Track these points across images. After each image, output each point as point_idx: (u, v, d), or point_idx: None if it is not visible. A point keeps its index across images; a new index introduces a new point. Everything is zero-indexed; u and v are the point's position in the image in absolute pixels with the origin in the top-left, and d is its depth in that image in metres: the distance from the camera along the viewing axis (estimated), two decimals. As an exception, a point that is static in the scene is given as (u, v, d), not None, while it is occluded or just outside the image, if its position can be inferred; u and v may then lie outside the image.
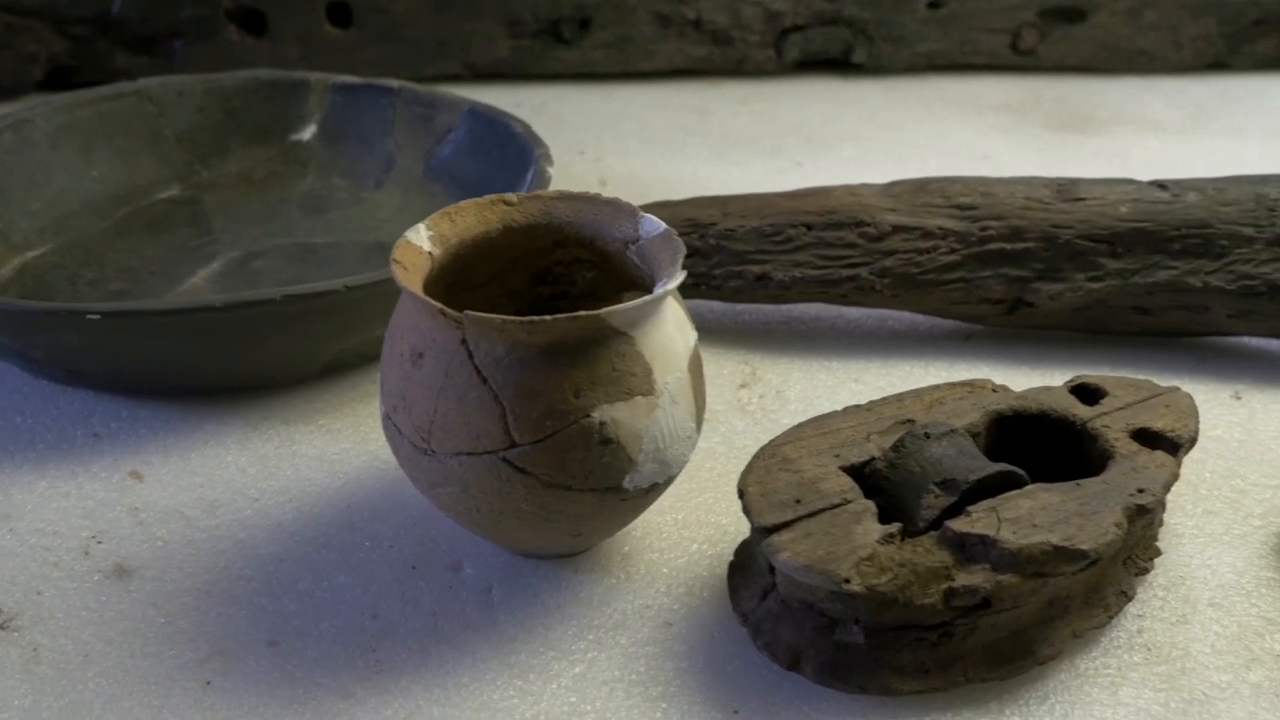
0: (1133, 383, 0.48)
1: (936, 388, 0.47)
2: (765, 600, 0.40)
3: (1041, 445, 0.46)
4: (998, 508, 0.40)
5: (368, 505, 0.48)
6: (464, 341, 0.38)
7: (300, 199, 0.72)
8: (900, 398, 0.47)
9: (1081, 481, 0.42)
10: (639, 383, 0.39)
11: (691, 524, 0.47)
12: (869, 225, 0.58)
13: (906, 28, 0.98)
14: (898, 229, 0.57)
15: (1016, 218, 0.57)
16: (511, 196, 0.45)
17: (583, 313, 0.37)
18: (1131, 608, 0.43)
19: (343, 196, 0.72)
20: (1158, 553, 0.45)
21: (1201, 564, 0.46)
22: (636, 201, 0.49)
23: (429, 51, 0.92)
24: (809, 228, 0.58)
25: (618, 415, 0.38)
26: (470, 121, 0.71)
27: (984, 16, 0.98)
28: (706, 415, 0.53)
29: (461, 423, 0.38)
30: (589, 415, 0.38)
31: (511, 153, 0.67)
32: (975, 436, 0.45)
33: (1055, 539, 0.38)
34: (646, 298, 0.38)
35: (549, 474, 0.38)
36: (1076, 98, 0.97)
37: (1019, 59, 1.01)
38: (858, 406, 0.46)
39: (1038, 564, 0.38)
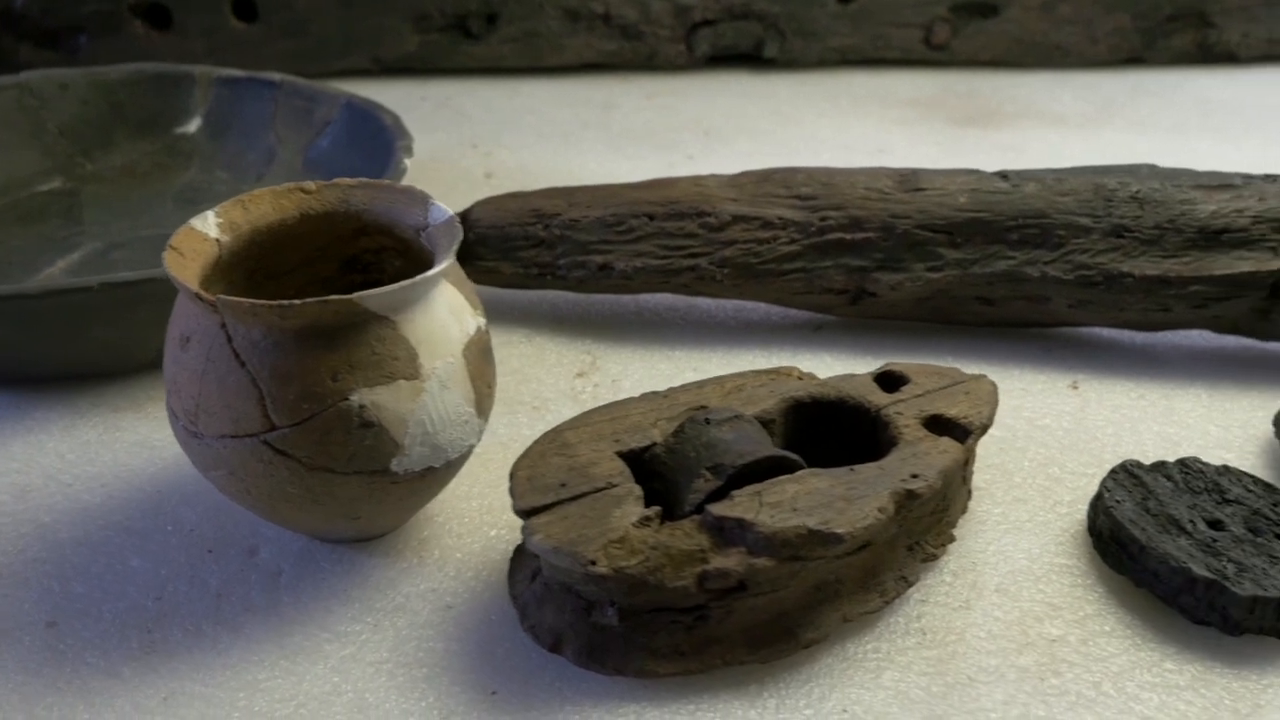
0: (939, 370, 0.48)
1: (740, 375, 0.48)
2: (533, 583, 0.41)
3: (840, 432, 0.46)
4: (762, 492, 0.40)
5: (179, 491, 0.48)
6: (223, 326, 0.38)
7: (178, 191, 0.72)
8: (700, 385, 0.47)
9: (857, 467, 0.42)
10: (402, 366, 0.39)
11: (494, 509, 0.47)
12: (710, 215, 0.58)
13: (818, 22, 0.98)
14: (738, 219, 0.58)
15: (856, 208, 0.58)
16: (310, 185, 0.46)
17: (334, 297, 0.37)
18: (916, 593, 0.44)
19: (222, 189, 0.72)
20: (951, 539, 0.46)
21: (997, 550, 0.46)
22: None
23: (336, 46, 0.92)
24: (651, 218, 0.58)
25: (378, 399, 0.39)
26: (347, 114, 0.72)
27: (896, 11, 0.99)
28: (536, 402, 0.54)
29: (223, 406, 0.39)
30: (347, 398, 0.38)
31: (381, 144, 0.67)
32: (769, 423, 0.45)
33: (812, 523, 0.39)
34: (403, 283, 0.39)
35: (310, 457, 0.39)
36: (987, 92, 0.97)
37: (933, 54, 1.01)
38: (655, 393, 0.46)
39: (793, 547, 0.38)
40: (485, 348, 0.43)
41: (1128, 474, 0.47)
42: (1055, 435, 0.53)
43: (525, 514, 0.39)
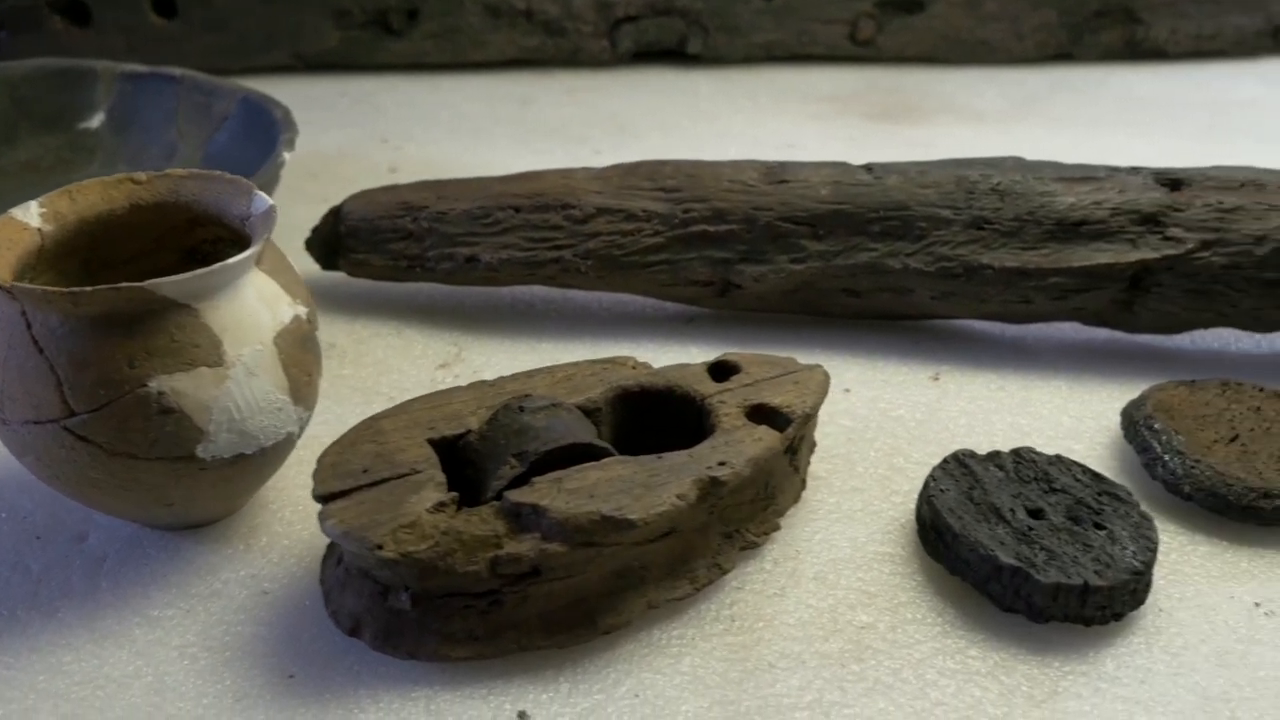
0: (772, 360, 0.49)
1: (574, 364, 0.48)
2: (337, 568, 0.41)
3: (668, 421, 0.47)
4: (563, 479, 0.40)
5: (19, 479, 0.48)
6: (23, 313, 0.39)
7: (77, 185, 0.73)
8: (530, 374, 0.47)
9: (666, 455, 0.42)
10: (204, 354, 0.40)
11: (328, 498, 0.48)
12: (574, 208, 0.58)
13: (741, 18, 0.98)
14: (602, 211, 0.58)
15: (719, 200, 0.58)
16: (141, 175, 0.46)
17: (126, 284, 0.38)
18: (732, 580, 0.44)
19: (121, 183, 0.73)
20: (776, 528, 0.46)
21: (823, 539, 0.46)
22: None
23: (257, 42, 0.93)
24: (517, 210, 0.59)
25: (178, 385, 0.39)
26: (244, 109, 0.72)
27: (820, 8, 0.99)
28: (394, 393, 0.54)
29: (24, 392, 0.39)
30: (145, 385, 0.39)
31: (273, 139, 0.67)
32: (594, 412, 0.46)
33: (605, 508, 0.39)
34: (199, 271, 0.39)
35: (110, 443, 0.39)
36: (910, 88, 0.97)
37: (859, 50, 1.01)
38: (483, 382, 0.47)
39: (585, 533, 0.39)
40: (304, 337, 0.44)
41: (958, 463, 0.47)
42: (907, 426, 0.53)
43: (323, 499, 0.40)
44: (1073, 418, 0.54)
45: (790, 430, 0.45)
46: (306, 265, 0.62)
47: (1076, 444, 0.52)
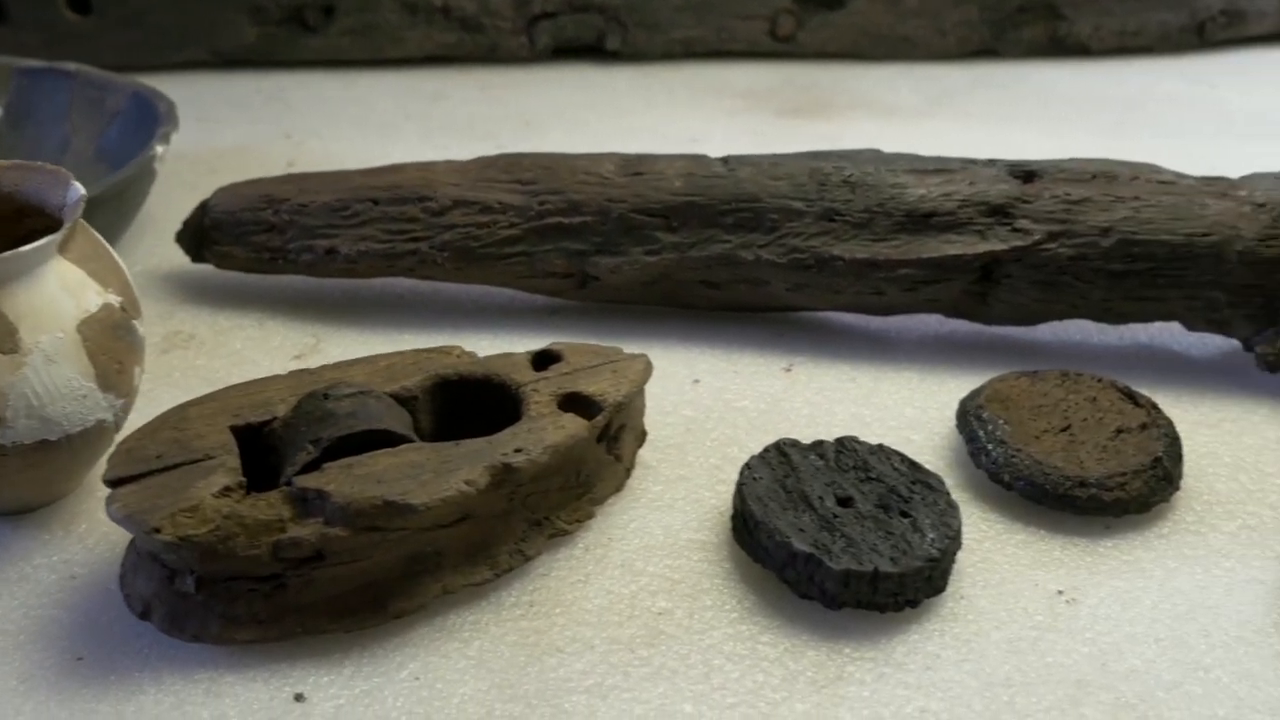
0: (597, 350, 0.49)
1: (399, 353, 0.48)
2: (130, 552, 0.42)
3: (488, 410, 0.47)
4: (354, 465, 0.41)
5: None
6: None
7: (-29, 180, 0.73)
8: (352, 363, 0.48)
9: (464, 441, 0.43)
10: (-3, 340, 0.40)
11: (155, 485, 0.48)
12: (431, 200, 0.59)
13: (660, 15, 0.98)
14: (459, 203, 0.59)
15: (574, 192, 0.58)
16: (-37, 166, 0.47)
17: (-92, 271, 0.38)
18: (539, 567, 0.44)
19: (15, 178, 0.73)
20: (590, 515, 0.46)
21: (639, 527, 0.47)
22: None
23: (173, 38, 0.93)
24: (375, 202, 0.59)
25: (-30, 371, 0.40)
26: (134, 104, 0.73)
27: (740, 4, 0.99)
28: (242, 384, 0.55)
29: None
30: (-67, 371, 0.39)
31: (156, 132, 0.68)
32: (411, 400, 0.46)
33: (388, 494, 0.39)
34: (-15, 258, 0.40)
35: (-101, 428, 0.40)
36: (828, 84, 0.98)
37: (780, 46, 1.01)
38: (304, 370, 0.47)
39: (368, 518, 0.39)
40: (115, 325, 0.44)
41: (779, 452, 0.47)
42: (749, 417, 0.54)
43: (113, 484, 0.40)
44: (917, 409, 0.54)
45: (599, 418, 0.45)
46: (181, 258, 0.62)
47: (915, 434, 0.53)
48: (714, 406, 0.54)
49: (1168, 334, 0.61)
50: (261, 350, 0.58)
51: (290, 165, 0.79)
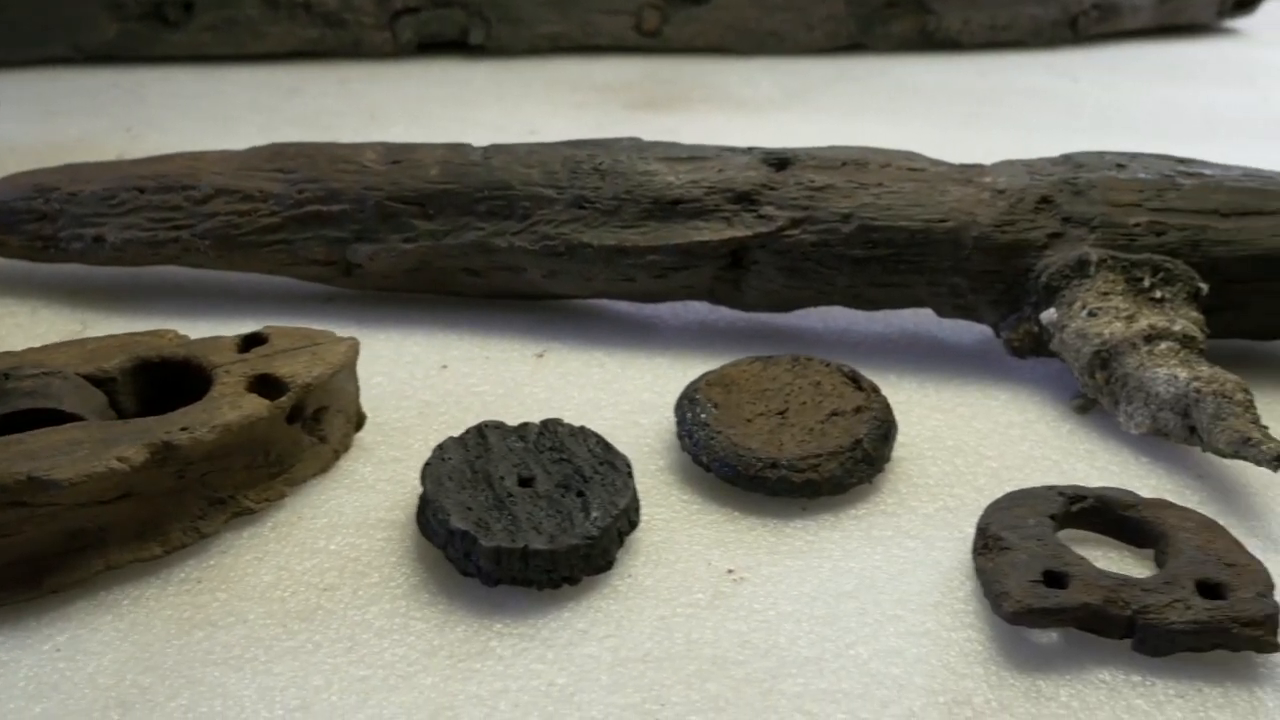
0: (305, 333, 0.50)
1: (112, 336, 0.49)
2: None
3: (191, 392, 0.48)
4: (11, 441, 0.41)
5: None
6: None
7: None
8: (59, 346, 0.48)
9: (134, 420, 0.43)
10: None
11: None
12: (194, 188, 0.59)
13: (523, 10, 0.99)
14: (221, 192, 0.59)
15: (333, 180, 0.59)
16: None
17: None
18: (218, 544, 0.45)
19: None
20: (280, 495, 0.47)
21: (334, 507, 0.47)
22: None
23: (33, 33, 0.95)
24: (142, 191, 0.60)
25: None
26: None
27: (604, -1, 1.00)
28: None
29: None
30: None
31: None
32: (109, 381, 0.47)
33: (32, 469, 0.40)
34: None
35: None
36: (689, 78, 0.98)
37: (647, 41, 1.02)
38: (8, 353, 0.48)
39: (10, 493, 0.40)
40: None
41: (479, 434, 0.48)
42: (485, 401, 0.54)
43: None
44: (655, 393, 0.55)
45: (284, 399, 0.46)
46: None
47: (645, 418, 0.53)
48: (454, 391, 0.55)
49: (934, 322, 0.61)
50: (29, 338, 0.59)
51: (120, 156, 0.80)
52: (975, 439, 0.52)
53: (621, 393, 0.55)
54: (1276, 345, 0.59)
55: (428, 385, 0.55)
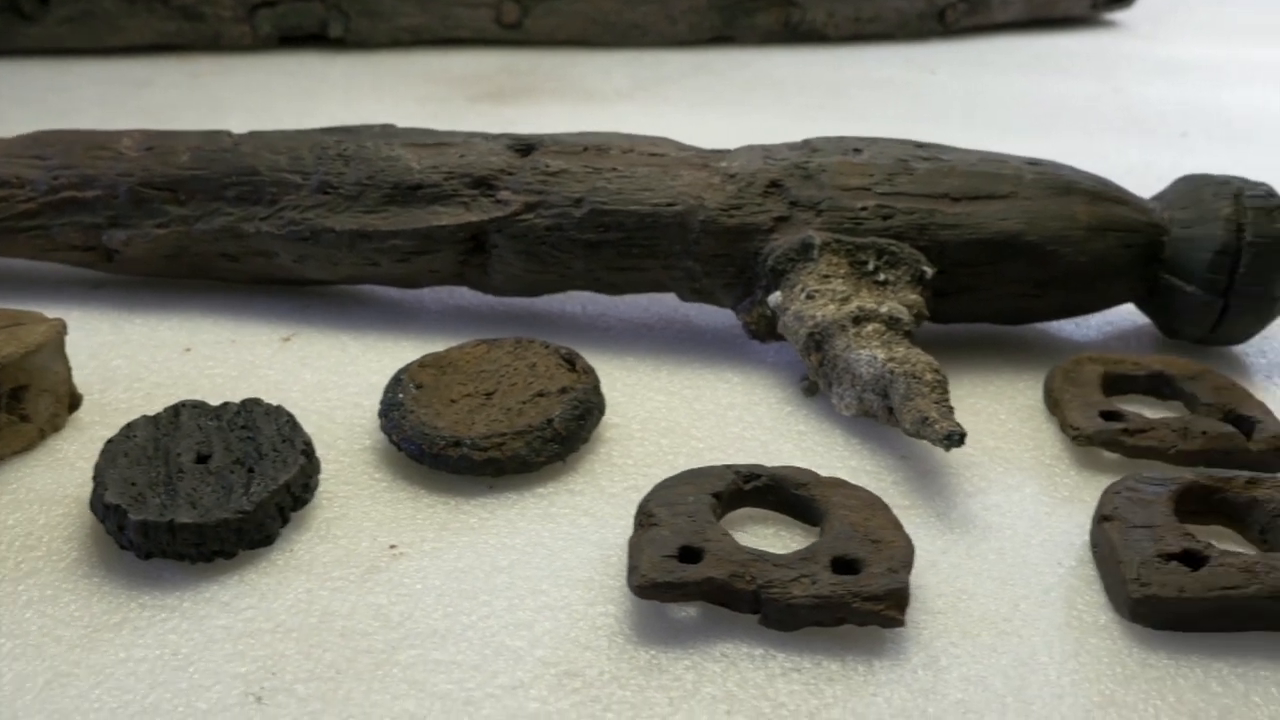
0: (11, 314, 0.50)
1: None
2: None
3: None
4: None
5: None
6: None
7: None
8: None
9: None
10: None
11: None
12: (-47, 175, 0.60)
13: (383, 3, 1.00)
14: (-20, 178, 0.60)
15: (87, 167, 0.60)
16: None
17: None
18: (-104, 520, 0.46)
19: None
20: (-30, 472, 0.48)
21: (25, 485, 0.48)
22: None
23: (-109, 28, 0.96)
24: (-94, 178, 0.61)
25: None
26: None
27: (462, -8, 1.00)
28: None
29: None
30: None
31: None
32: None
33: None
34: None
35: None
36: (545, 70, 0.99)
37: (508, 34, 1.03)
38: None
39: None
40: None
41: (174, 412, 0.49)
42: (215, 383, 0.55)
43: None
44: (384, 375, 0.55)
45: (-24, 377, 0.47)
46: None
47: (367, 400, 0.54)
48: (189, 374, 0.56)
49: (690, 307, 0.61)
50: None
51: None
52: (690, 420, 0.53)
53: (354, 375, 0.56)
54: (1025, 329, 0.59)
55: (166, 368, 0.56)
